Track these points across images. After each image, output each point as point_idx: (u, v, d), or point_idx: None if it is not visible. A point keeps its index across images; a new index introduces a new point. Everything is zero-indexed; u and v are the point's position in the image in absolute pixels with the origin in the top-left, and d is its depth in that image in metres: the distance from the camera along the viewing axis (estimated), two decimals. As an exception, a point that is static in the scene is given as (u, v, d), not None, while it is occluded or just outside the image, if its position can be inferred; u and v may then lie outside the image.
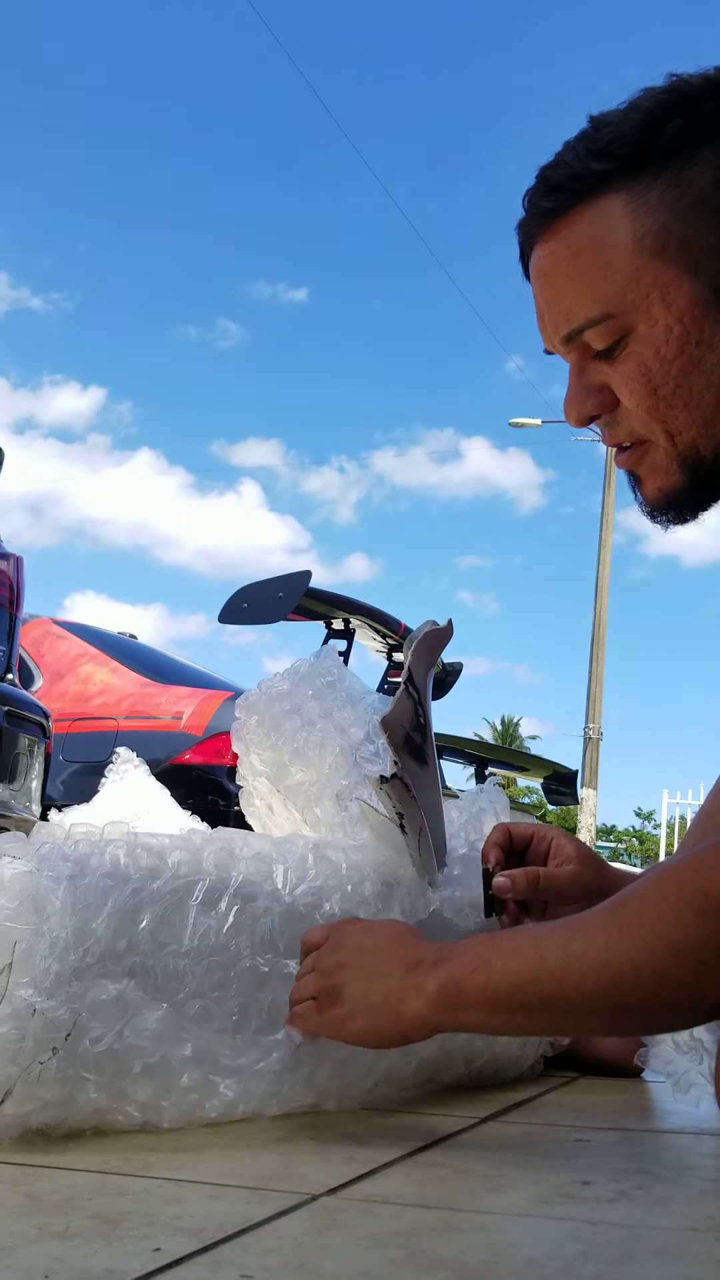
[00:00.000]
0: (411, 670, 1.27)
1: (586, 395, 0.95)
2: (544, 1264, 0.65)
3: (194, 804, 3.30)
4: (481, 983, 0.89)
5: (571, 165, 0.92)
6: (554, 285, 0.94)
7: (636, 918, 0.84)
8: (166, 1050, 0.97)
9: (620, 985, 0.83)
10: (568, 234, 0.92)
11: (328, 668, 1.53)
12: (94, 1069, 0.94)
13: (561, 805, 7.15)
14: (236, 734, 1.52)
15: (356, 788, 1.35)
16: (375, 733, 1.40)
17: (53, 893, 0.97)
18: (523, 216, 0.96)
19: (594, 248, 0.91)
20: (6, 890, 0.96)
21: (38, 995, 0.93)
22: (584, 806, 16.75)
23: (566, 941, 0.86)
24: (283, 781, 1.45)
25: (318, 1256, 0.66)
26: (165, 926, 1.03)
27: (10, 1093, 0.91)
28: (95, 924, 0.98)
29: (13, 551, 3.72)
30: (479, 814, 1.50)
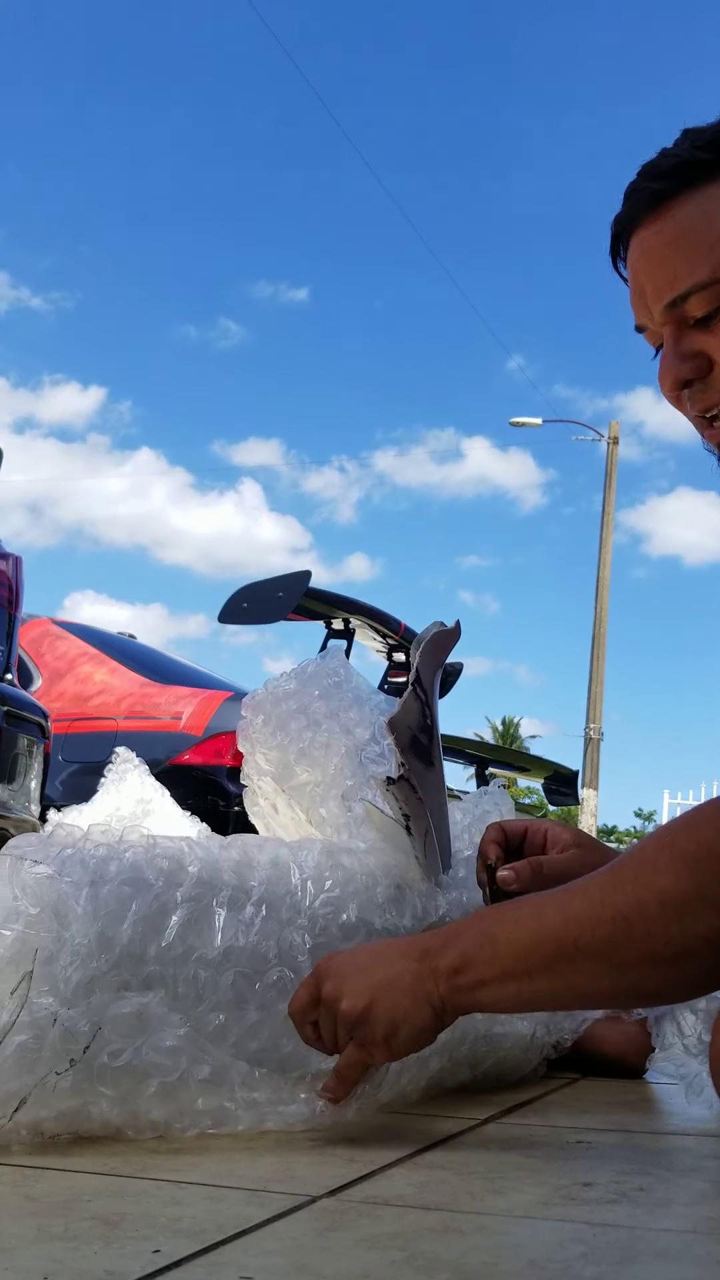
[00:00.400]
0: (419, 671, 1.27)
1: (682, 361, 1.01)
2: (545, 1265, 0.64)
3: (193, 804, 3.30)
4: (490, 955, 0.92)
5: (680, 155, 1.00)
6: (659, 258, 1.01)
7: (631, 873, 0.89)
8: (185, 1071, 0.96)
9: (614, 939, 0.88)
10: (676, 214, 1.00)
11: (334, 668, 1.52)
12: (110, 1084, 0.93)
13: (562, 805, 7.15)
14: (242, 733, 1.52)
15: (362, 788, 1.35)
16: (381, 733, 1.40)
17: (74, 899, 0.96)
18: (625, 205, 1.04)
19: (703, 225, 0.99)
20: (29, 895, 0.95)
21: (58, 1004, 0.92)
22: (584, 807, 16.75)
23: (565, 903, 0.91)
24: (288, 781, 1.45)
25: (318, 1258, 0.66)
26: (188, 935, 1.02)
27: (25, 1101, 0.90)
28: (118, 932, 0.97)
29: (12, 551, 3.72)
30: (483, 816, 1.49)
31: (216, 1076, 0.97)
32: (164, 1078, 0.94)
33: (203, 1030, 1.00)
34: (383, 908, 1.18)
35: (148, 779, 2.93)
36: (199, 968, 1.01)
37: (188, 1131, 0.96)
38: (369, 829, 1.28)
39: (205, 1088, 0.96)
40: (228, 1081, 0.97)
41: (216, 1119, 0.97)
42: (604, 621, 17.70)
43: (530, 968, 0.91)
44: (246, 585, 4.51)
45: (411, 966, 0.95)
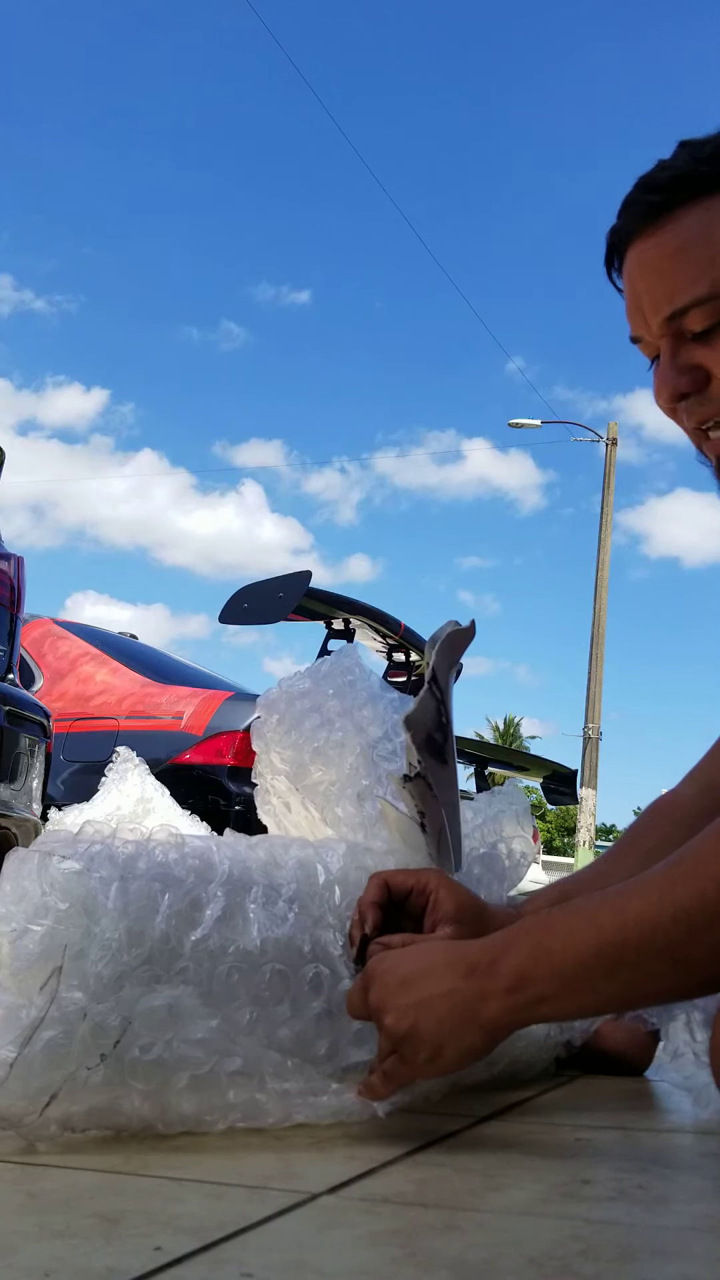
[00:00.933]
0: (435, 670, 1.27)
1: (680, 374, 1.01)
2: (544, 1263, 0.65)
3: (194, 804, 3.32)
4: (547, 969, 0.89)
5: (679, 168, 1.00)
6: (659, 271, 1.01)
7: (689, 868, 0.87)
8: (216, 1064, 0.95)
9: (675, 936, 0.85)
10: (674, 227, 1.00)
11: (348, 666, 1.53)
12: (141, 1078, 0.92)
13: (561, 805, 7.14)
14: (256, 732, 1.52)
15: (376, 787, 1.35)
16: (394, 731, 1.41)
17: (103, 894, 0.96)
18: (621, 218, 1.03)
19: (702, 239, 0.99)
20: (59, 890, 0.95)
21: (88, 999, 0.91)
22: (583, 806, 16.75)
23: (620, 907, 0.88)
24: (302, 780, 1.45)
25: (318, 1255, 0.66)
26: (223, 929, 1.02)
27: (55, 1096, 0.90)
28: (148, 927, 0.97)
29: (14, 552, 3.72)
30: (497, 815, 1.50)
31: (248, 1068, 0.96)
32: (195, 1070, 0.94)
33: (236, 1025, 0.99)
34: None
35: (148, 778, 2.94)
36: (234, 961, 1.01)
37: (217, 1125, 0.96)
38: (384, 828, 1.28)
39: (236, 1080, 0.96)
40: (259, 1073, 0.97)
41: (247, 1111, 0.96)
42: (603, 622, 17.70)
43: (593, 977, 0.88)
44: (247, 585, 4.51)
45: (459, 985, 0.92)
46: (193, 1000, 0.96)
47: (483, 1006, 0.91)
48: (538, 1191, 0.81)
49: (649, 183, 1.02)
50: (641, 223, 1.02)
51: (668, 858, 0.90)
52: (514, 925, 0.95)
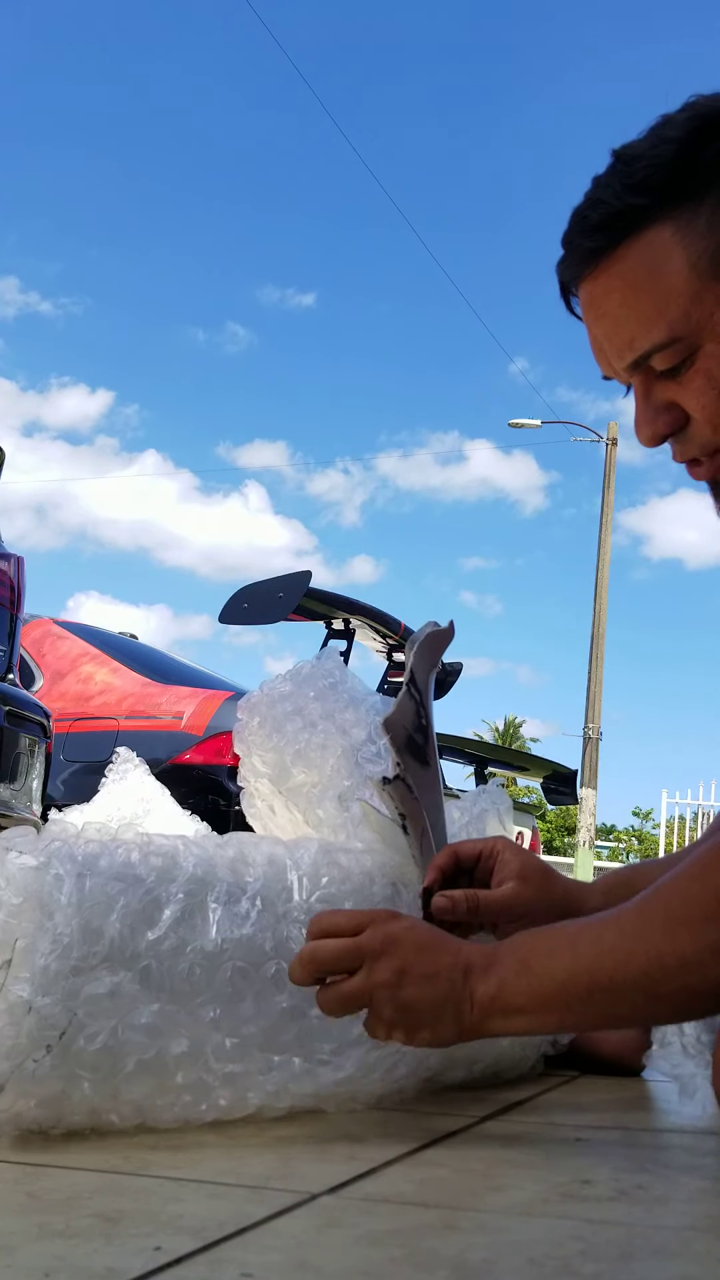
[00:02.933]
0: (414, 671, 1.27)
1: (657, 415, 0.98)
2: (544, 1263, 0.65)
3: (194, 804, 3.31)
4: (525, 986, 0.91)
5: (611, 203, 0.93)
6: (612, 318, 0.96)
7: (663, 907, 0.88)
8: (161, 1046, 0.96)
9: (649, 974, 0.87)
10: (619, 269, 0.94)
11: (330, 669, 1.53)
12: (89, 1067, 0.94)
13: (561, 805, 7.14)
14: (238, 735, 1.52)
15: (358, 789, 1.35)
16: (377, 733, 1.41)
17: (58, 890, 0.97)
18: (563, 258, 0.98)
19: (649, 278, 0.93)
20: (13, 885, 0.96)
21: (35, 992, 0.93)
22: (583, 806, 16.75)
23: (598, 936, 0.90)
24: (284, 783, 1.45)
25: (318, 1255, 0.66)
26: (180, 928, 1.02)
27: (2, 1089, 0.91)
28: (104, 924, 0.98)
29: (14, 552, 3.72)
30: (481, 815, 1.50)
31: (193, 1049, 0.98)
32: (141, 1055, 0.95)
33: (199, 1021, 1.00)
34: (377, 905, 1.18)
35: (148, 779, 2.93)
36: (193, 960, 1.02)
37: (169, 1110, 0.97)
38: (366, 830, 1.28)
39: (183, 1062, 0.97)
40: (203, 1055, 0.98)
41: (196, 1095, 0.98)
42: (603, 622, 17.70)
43: (567, 999, 0.91)
44: (247, 585, 4.51)
45: (455, 981, 0.93)
46: (134, 985, 0.97)
47: (467, 1009, 0.93)
48: (538, 1191, 0.81)
49: (582, 224, 0.96)
50: (583, 267, 0.97)
51: (648, 889, 0.92)
52: (512, 938, 0.97)
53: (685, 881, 0.89)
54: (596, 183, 0.96)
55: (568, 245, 0.98)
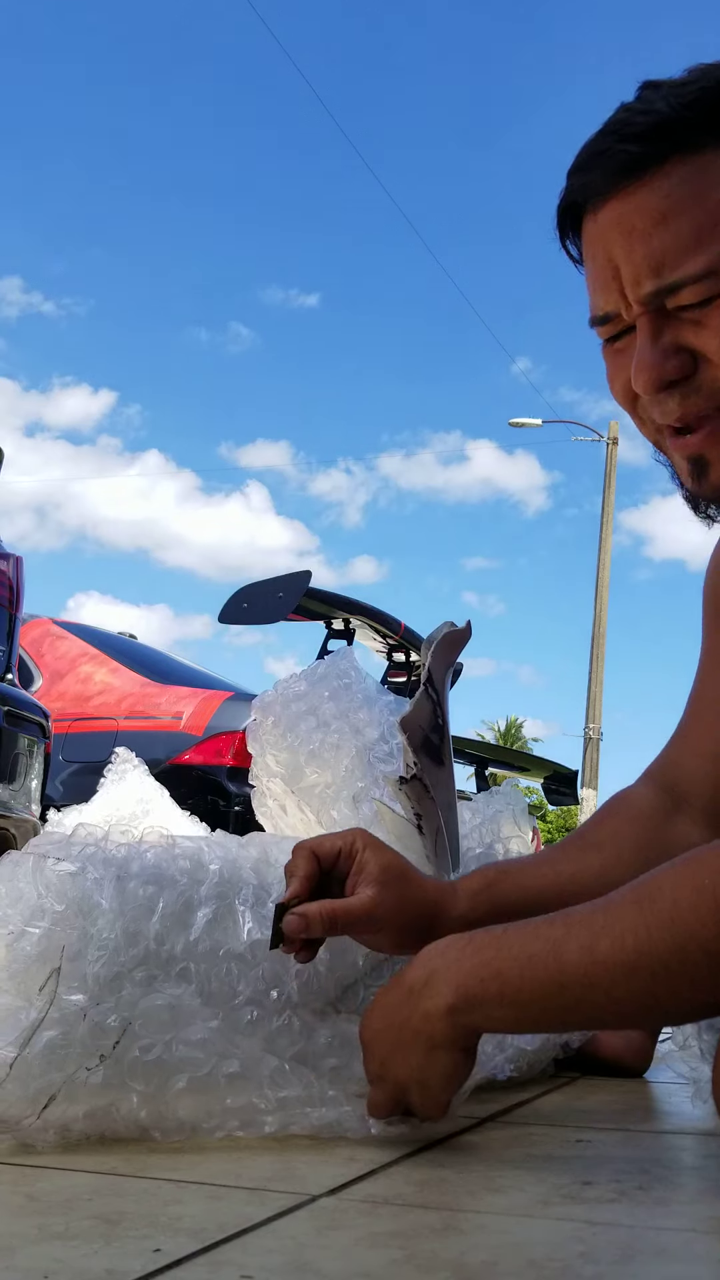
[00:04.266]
0: (431, 671, 1.27)
1: (665, 358, 0.88)
2: (544, 1264, 0.65)
3: (193, 804, 3.31)
4: (495, 994, 0.85)
5: (663, 112, 0.85)
6: (642, 236, 0.86)
7: (668, 917, 0.80)
8: (214, 1066, 0.94)
9: (652, 988, 0.81)
10: (662, 185, 0.85)
11: (344, 669, 1.53)
12: (140, 1079, 0.92)
13: (561, 805, 7.14)
14: (252, 734, 1.52)
15: (372, 789, 1.35)
16: (390, 733, 1.41)
17: (99, 895, 0.96)
18: (587, 171, 0.88)
19: (697, 203, 0.84)
20: (54, 892, 0.95)
21: (87, 1000, 0.91)
22: (584, 807, 16.75)
23: (589, 944, 0.82)
24: (298, 783, 1.45)
25: (318, 1257, 0.66)
26: (214, 931, 1.02)
27: (54, 1098, 0.89)
28: (144, 927, 0.97)
29: (14, 552, 3.72)
30: (495, 816, 1.50)
31: (246, 1071, 0.96)
32: (194, 1072, 0.93)
33: (236, 1025, 0.99)
34: None
35: (147, 779, 2.93)
36: (227, 963, 1.01)
37: (215, 1134, 0.95)
38: (380, 830, 1.28)
39: (234, 1083, 0.95)
40: (256, 1077, 0.96)
41: (244, 1119, 0.95)
42: (603, 622, 17.70)
43: (552, 1007, 0.84)
44: (247, 585, 4.51)
45: (406, 1016, 0.89)
46: (194, 1000, 0.96)
47: (428, 1028, 0.87)
48: (538, 1193, 0.81)
49: (624, 129, 0.85)
50: (618, 179, 0.86)
51: (636, 884, 0.84)
52: (454, 936, 0.90)
53: (692, 892, 0.80)
54: (637, 100, 0.87)
55: (599, 155, 0.87)
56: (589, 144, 0.88)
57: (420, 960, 0.90)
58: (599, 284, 0.90)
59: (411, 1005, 0.88)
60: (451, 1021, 0.87)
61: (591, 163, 0.88)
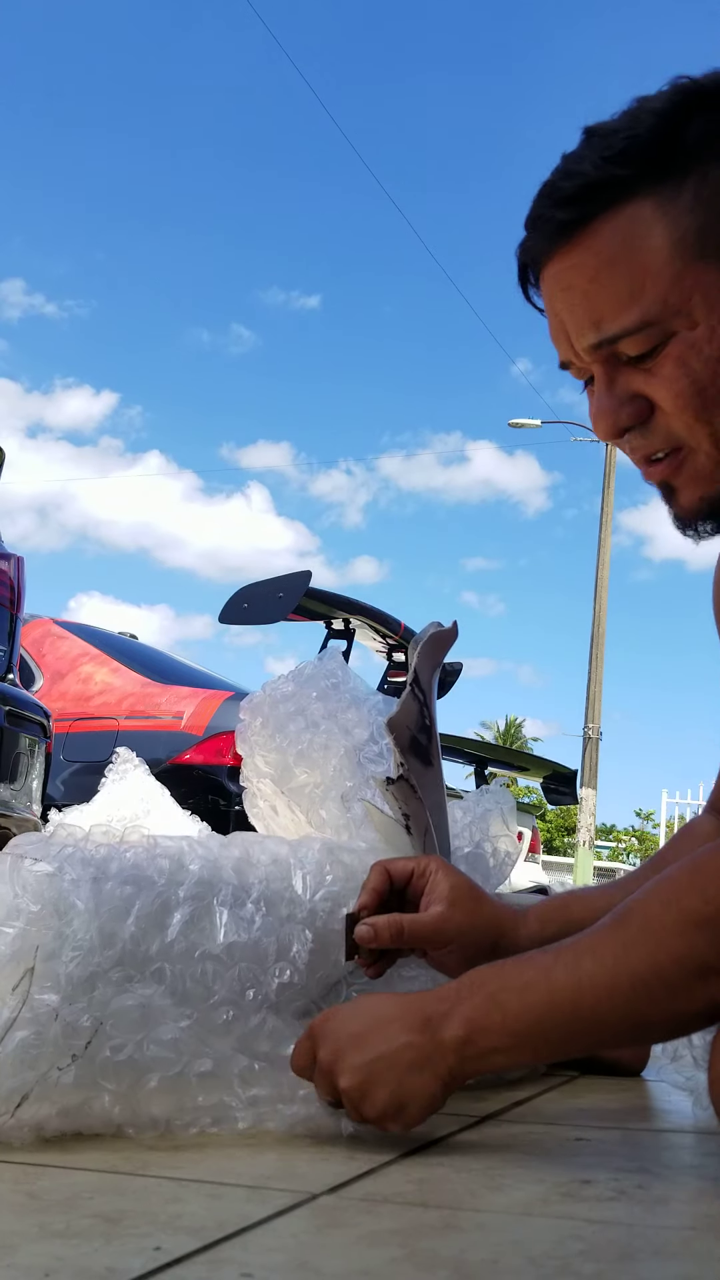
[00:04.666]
0: (417, 672, 1.27)
1: (620, 406, 0.91)
2: (544, 1263, 0.65)
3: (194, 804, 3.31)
4: (499, 1023, 0.87)
5: (588, 174, 0.87)
6: (580, 294, 0.89)
7: (638, 933, 0.84)
8: (186, 1065, 0.95)
9: (633, 1002, 0.84)
10: (593, 244, 0.88)
11: (332, 670, 1.53)
12: (112, 1078, 0.92)
13: (561, 805, 7.14)
14: (241, 736, 1.52)
15: (361, 789, 1.35)
16: (379, 733, 1.41)
17: (76, 896, 0.96)
18: (529, 236, 0.92)
19: (626, 255, 0.87)
20: (30, 893, 0.95)
21: (60, 1000, 0.92)
22: (583, 806, 16.75)
23: (574, 965, 0.86)
24: (287, 783, 1.45)
25: (318, 1255, 0.66)
26: (190, 932, 1.02)
27: (27, 1097, 0.90)
28: (120, 928, 0.97)
29: (15, 552, 3.72)
30: (484, 815, 1.50)
31: (218, 1069, 0.97)
32: (165, 1071, 0.94)
33: (209, 1025, 1.00)
34: None
35: (148, 779, 2.94)
36: (203, 964, 1.02)
37: (189, 1129, 0.96)
38: (369, 829, 1.28)
39: (206, 1082, 0.96)
40: (228, 1076, 0.97)
41: (217, 1116, 0.97)
42: (603, 621, 17.69)
43: (547, 1033, 0.87)
44: (247, 585, 4.51)
45: (414, 1040, 0.89)
46: (165, 1000, 0.97)
47: (439, 1060, 0.89)
48: (538, 1192, 0.81)
49: (554, 194, 0.89)
50: (553, 242, 0.89)
51: (619, 906, 0.87)
52: (470, 973, 0.92)
53: (660, 907, 0.84)
54: (568, 157, 0.89)
55: (535, 221, 0.90)
56: (531, 206, 0.92)
57: (442, 995, 0.92)
58: (553, 337, 0.94)
59: (427, 1034, 0.89)
60: (460, 1054, 0.89)
61: (531, 227, 0.92)
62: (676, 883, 0.85)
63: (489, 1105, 1.16)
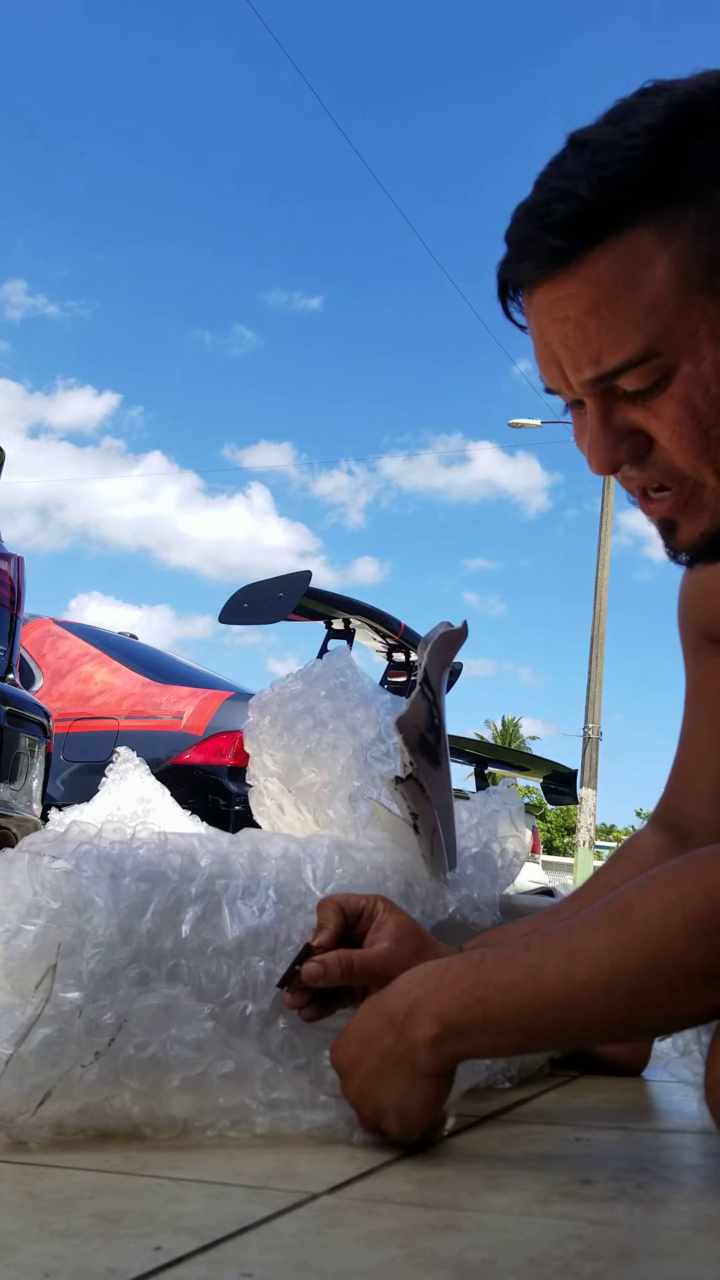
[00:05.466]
0: (427, 671, 1.27)
1: (618, 442, 0.86)
2: (544, 1263, 0.65)
3: (194, 804, 3.31)
4: (479, 1021, 0.86)
5: (584, 197, 0.80)
6: (576, 326, 0.83)
7: (639, 934, 0.81)
8: (209, 1065, 0.95)
9: (629, 1004, 0.82)
10: (590, 274, 0.81)
11: (340, 668, 1.53)
12: (135, 1076, 0.92)
13: (561, 805, 7.14)
14: (249, 734, 1.52)
15: (369, 788, 1.35)
16: (387, 733, 1.41)
17: (94, 892, 0.96)
18: (516, 256, 0.85)
19: (629, 288, 0.81)
20: (50, 890, 0.95)
21: (83, 997, 0.92)
22: (583, 806, 16.75)
23: (566, 967, 0.83)
24: (295, 782, 1.45)
25: (318, 1255, 0.66)
26: (203, 928, 1.02)
27: (50, 1095, 0.90)
28: (139, 924, 0.97)
29: (15, 552, 3.72)
30: (492, 815, 1.50)
31: (239, 1072, 0.96)
32: (188, 1071, 0.94)
33: (229, 1020, 1.00)
34: (393, 901, 1.18)
35: (148, 778, 2.93)
36: (217, 958, 1.02)
37: (207, 1131, 0.96)
38: (376, 829, 1.28)
39: (227, 1083, 0.95)
40: (250, 1078, 0.96)
41: (236, 1119, 0.96)
42: (603, 621, 17.69)
43: (533, 1031, 0.85)
44: (247, 585, 4.52)
45: (386, 1044, 0.89)
46: (189, 1001, 0.97)
47: (413, 1057, 0.88)
48: (538, 1192, 0.81)
49: (549, 217, 0.81)
50: (545, 269, 0.83)
51: (607, 902, 0.85)
52: (431, 965, 0.91)
53: (661, 909, 0.81)
54: (560, 173, 0.82)
55: (525, 242, 0.84)
56: (516, 225, 0.85)
57: (399, 990, 0.90)
58: (541, 363, 0.88)
59: (393, 1034, 0.89)
60: (436, 1051, 0.87)
61: (518, 251, 0.85)
62: (680, 884, 0.82)
63: (489, 1105, 1.16)
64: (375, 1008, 0.92)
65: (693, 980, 0.80)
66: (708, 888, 0.80)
